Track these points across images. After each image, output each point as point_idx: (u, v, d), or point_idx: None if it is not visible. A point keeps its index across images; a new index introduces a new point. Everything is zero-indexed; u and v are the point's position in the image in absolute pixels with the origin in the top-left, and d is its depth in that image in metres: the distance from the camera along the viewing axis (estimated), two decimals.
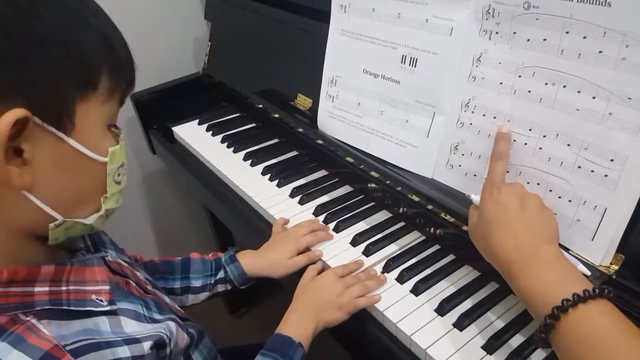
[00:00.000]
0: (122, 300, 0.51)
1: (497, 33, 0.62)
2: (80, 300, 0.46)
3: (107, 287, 0.49)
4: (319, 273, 0.72)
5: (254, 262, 0.77)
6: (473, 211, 0.60)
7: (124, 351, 0.45)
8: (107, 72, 0.45)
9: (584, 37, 0.53)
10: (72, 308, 0.44)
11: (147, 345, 0.48)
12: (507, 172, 0.63)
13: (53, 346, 0.40)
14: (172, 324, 0.54)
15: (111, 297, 0.49)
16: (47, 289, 0.44)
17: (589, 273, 0.54)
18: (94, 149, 0.44)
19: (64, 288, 0.45)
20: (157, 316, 0.54)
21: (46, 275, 0.45)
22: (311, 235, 0.77)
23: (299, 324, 0.65)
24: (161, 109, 1.18)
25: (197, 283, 0.77)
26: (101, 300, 0.47)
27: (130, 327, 0.49)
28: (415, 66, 0.72)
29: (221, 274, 0.77)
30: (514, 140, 0.62)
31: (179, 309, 0.65)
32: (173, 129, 1.13)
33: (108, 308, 0.47)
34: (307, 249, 0.77)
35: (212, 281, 0.77)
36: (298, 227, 0.80)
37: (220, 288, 0.78)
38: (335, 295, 0.66)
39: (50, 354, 0.40)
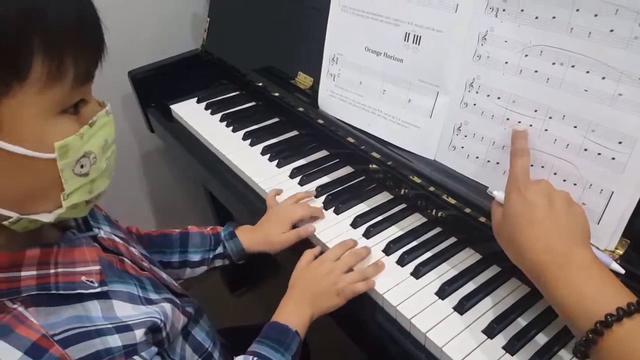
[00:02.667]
0: (115, 282, 0.49)
1: (504, 10, 0.59)
2: (69, 283, 0.44)
3: (98, 268, 0.47)
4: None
5: (252, 238, 0.77)
6: (496, 208, 0.57)
7: (115, 340, 0.44)
8: (41, 52, 0.37)
9: (595, 15, 0.51)
10: (61, 292, 0.43)
11: (139, 333, 0.46)
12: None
13: (41, 336, 0.39)
14: (167, 306, 0.53)
15: (102, 277, 0.47)
16: (34, 272, 0.42)
17: (622, 271, 0.52)
18: (34, 146, 0.38)
19: (52, 271, 0.43)
20: (153, 296, 0.53)
21: (32, 259, 0.43)
22: (303, 208, 0.76)
23: (295, 312, 0.64)
24: (159, 87, 1.16)
25: (195, 257, 0.76)
26: (92, 282, 0.45)
27: (124, 311, 0.47)
28: (418, 44, 0.69)
29: (220, 250, 0.76)
30: (519, 122, 0.60)
31: (175, 284, 0.64)
32: (171, 107, 1.11)
33: (99, 290, 0.46)
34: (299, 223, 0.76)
35: (211, 256, 0.76)
36: (290, 198, 0.79)
37: (218, 263, 0.77)
38: (332, 282, 0.65)
39: (38, 344, 0.39)
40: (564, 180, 0.57)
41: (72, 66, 0.39)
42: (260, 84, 1.03)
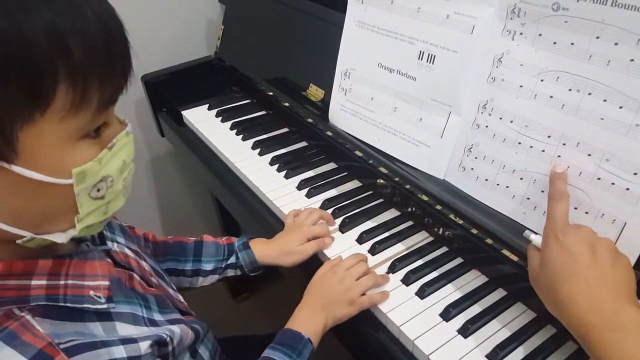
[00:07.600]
0: (122, 302, 0.49)
1: (521, 34, 0.59)
2: (77, 297, 0.44)
3: (107, 283, 0.47)
4: None
5: (265, 250, 0.76)
6: (533, 253, 0.54)
7: (120, 351, 0.44)
8: (66, 82, 0.36)
9: (615, 44, 0.51)
10: (68, 305, 0.43)
11: (144, 345, 0.46)
12: (521, 179, 0.61)
13: (47, 344, 0.39)
14: (174, 328, 0.53)
15: (110, 293, 0.47)
16: (44, 282, 0.42)
17: None
18: (51, 172, 0.38)
19: (62, 282, 0.44)
20: (157, 316, 0.53)
21: (44, 268, 0.43)
22: (321, 227, 0.76)
23: (308, 320, 0.64)
24: (171, 92, 1.16)
25: (208, 267, 0.76)
26: (99, 297, 0.45)
27: (126, 331, 0.47)
28: (432, 63, 0.69)
29: (232, 260, 0.76)
30: (530, 147, 0.60)
31: (182, 301, 0.64)
32: (182, 112, 1.12)
33: (105, 306, 0.46)
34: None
35: (223, 265, 0.76)
36: (308, 214, 0.78)
37: (230, 273, 0.77)
38: (344, 290, 0.65)
39: (44, 352, 0.39)
40: (575, 208, 0.56)
41: (97, 93, 0.38)
42: (271, 94, 1.04)
